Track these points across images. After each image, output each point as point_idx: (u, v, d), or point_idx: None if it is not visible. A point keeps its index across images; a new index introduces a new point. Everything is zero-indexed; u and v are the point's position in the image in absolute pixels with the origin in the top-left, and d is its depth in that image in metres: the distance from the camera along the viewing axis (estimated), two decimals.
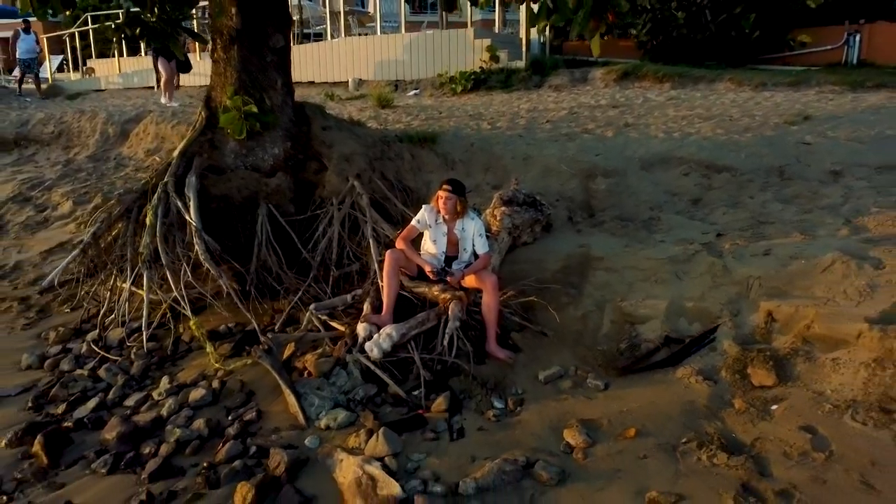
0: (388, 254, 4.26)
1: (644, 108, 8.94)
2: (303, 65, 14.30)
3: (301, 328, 4.43)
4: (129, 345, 4.66)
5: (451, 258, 4.38)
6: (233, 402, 3.84)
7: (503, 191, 5.57)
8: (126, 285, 4.93)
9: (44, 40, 17.11)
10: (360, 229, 5.39)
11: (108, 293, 5.08)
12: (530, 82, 12.14)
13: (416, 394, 3.70)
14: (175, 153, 5.50)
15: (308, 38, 18.01)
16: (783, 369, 3.39)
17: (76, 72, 18.82)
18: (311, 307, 4.47)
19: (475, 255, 4.36)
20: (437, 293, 4.26)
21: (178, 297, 4.64)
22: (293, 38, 7.05)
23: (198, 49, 15.07)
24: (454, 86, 12.31)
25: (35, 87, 16.17)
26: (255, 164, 5.59)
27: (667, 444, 3.03)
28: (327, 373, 3.86)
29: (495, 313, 4.08)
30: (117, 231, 5.35)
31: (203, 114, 5.63)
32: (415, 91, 12.93)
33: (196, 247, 4.86)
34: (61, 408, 3.97)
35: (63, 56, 20.05)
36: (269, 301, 5.01)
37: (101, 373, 4.34)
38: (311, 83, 14.43)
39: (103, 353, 4.56)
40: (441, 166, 6.63)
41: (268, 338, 4.11)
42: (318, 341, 4.23)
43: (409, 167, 6.59)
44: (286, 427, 3.51)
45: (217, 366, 4.15)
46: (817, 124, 7.16)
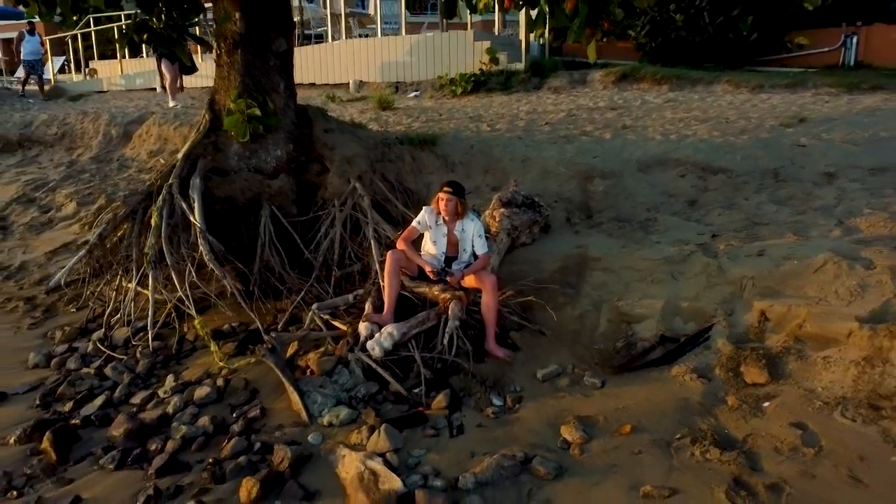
0: (389, 254, 4.30)
1: (642, 111, 8.96)
2: (304, 67, 14.26)
3: (304, 327, 4.47)
4: (134, 344, 4.70)
5: (450, 259, 4.42)
6: (237, 400, 3.88)
7: (502, 192, 5.60)
8: (131, 285, 4.98)
9: (46, 42, 17.14)
10: (361, 230, 5.44)
11: (114, 293, 5.13)
12: (529, 84, 12.15)
13: (416, 391, 3.74)
14: (179, 155, 5.55)
15: (309, 39, 18.00)
16: (775, 367, 3.45)
17: (78, 73, 18.84)
18: (314, 307, 4.51)
19: (475, 256, 4.40)
20: (437, 293, 4.31)
21: (183, 297, 4.69)
22: (294, 40, 7.08)
23: (199, 50, 15.10)
24: (454, 87, 12.34)
25: (38, 88, 16.21)
26: (259, 166, 5.65)
27: (661, 440, 3.08)
28: (330, 371, 3.90)
29: (494, 313, 4.12)
30: (123, 232, 5.39)
31: (207, 116, 5.68)
32: (415, 93, 12.95)
33: (200, 247, 4.91)
34: (68, 405, 4.00)
35: (65, 57, 20.09)
36: (272, 301, 5.06)
37: (107, 371, 4.38)
38: (312, 85, 14.41)
39: (109, 352, 4.61)
40: (441, 168, 6.67)
41: (271, 337, 4.15)
42: (321, 340, 4.26)
43: (409, 169, 6.62)
44: (289, 424, 3.55)
45: (221, 364, 4.19)
46: (812, 126, 7.19)
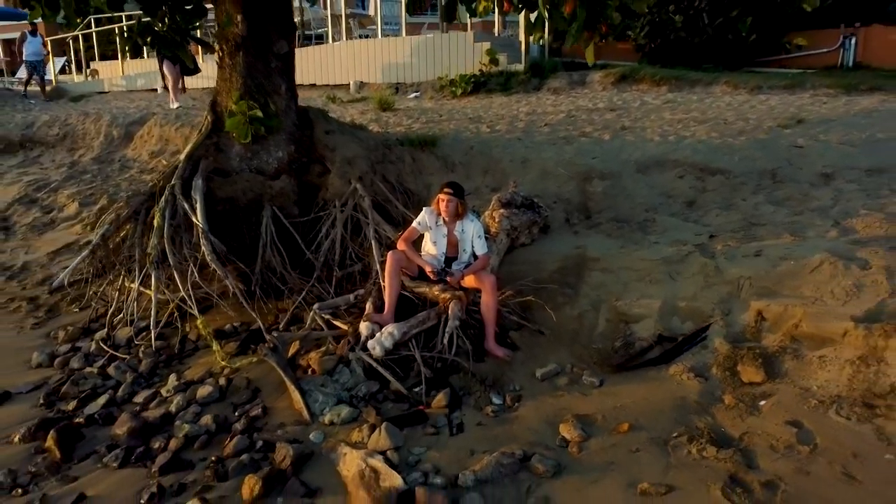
0: (389, 255, 4.32)
1: (641, 112, 8.99)
2: (304, 67, 14.24)
3: (305, 327, 4.50)
4: (136, 343, 4.74)
5: (450, 259, 4.46)
6: (239, 399, 3.91)
7: (502, 193, 5.63)
8: (134, 285, 5.01)
9: (47, 42, 17.17)
10: (362, 231, 5.48)
11: (117, 293, 5.16)
12: (529, 85, 12.17)
13: (416, 390, 3.78)
14: (181, 156, 5.58)
15: (309, 40, 18.04)
16: (772, 366, 3.49)
17: (79, 74, 18.88)
18: (315, 307, 4.54)
19: (474, 256, 4.44)
20: (437, 293, 4.34)
21: (185, 297, 4.72)
22: (295, 42, 7.10)
23: (200, 51, 15.13)
24: (454, 88, 12.36)
25: (39, 88, 16.23)
26: (260, 167, 5.68)
27: (658, 438, 3.11)
28: (331, 370, 3.94)
29: (494, 312, 4.15)
30: (126, 232, 5.42)
31: (209, 118, 5.71)
32: (415, 93, 12.98)
33: (202, 248, 4.94)
34: (72, 404, 4.02)
35: (65, 58, 20.12)
36: (273, 301, 5.10)
37: (110, 370, 4.41)
38: (312, 86, 14.42)
39: (112, 352, 4.63)
40: (441, 169, 6.69)
41: (273, 336, 4.18)
42: (322, 340, 4.29)
43: (409, 170, 6.65)
44: (291, 423, 3.58)
45: (223, 364, 4.23)
46: (810, 127, 7.22)
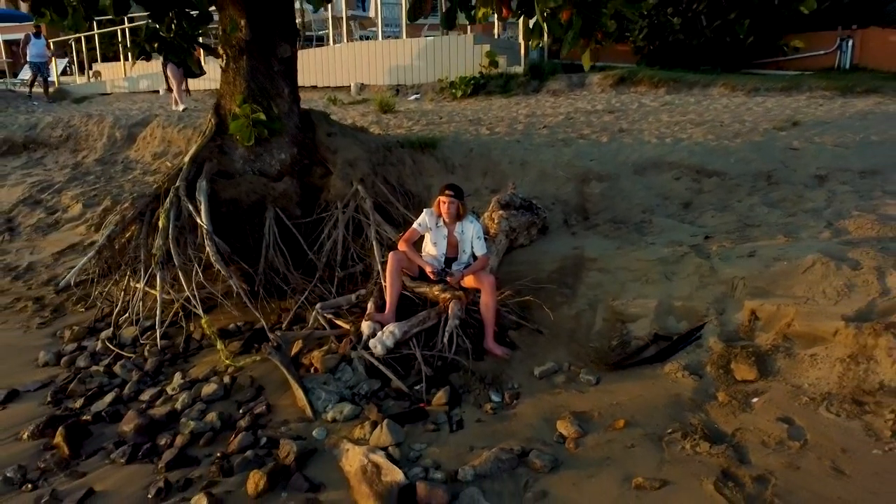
0: (390, 255, 4.38)
1: (639, 114, 9.03)
2: (305, 69, 14.20)
3: (308, 326, 4.56)
4: (142, 342, 4.81)
5: (450, 259, 4.53)
6: (243, 397, 3.98)
7: (501, 195, 5.69)
8: (139, 285, 5.06)
9: (50, 44, 17.24)
10: (363, 232, 5.55)
11: (122, 293, 5.22)
12: (529, 87, 12.20)
13: (417, 388, 3.84)
14: (186, 159, 5.64)
15: (310, 42, 18.08)
16: (764, 364, 3.55)
17: (82, 75, 18.94)
18: (317, 306, 4.61)
19: (474, 257, 4.51)
20: (437, 293, 4.42)
21: (190, 297, 4.79)
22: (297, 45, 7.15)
23: (202, 53, 15.19)
24: (454, 90, 12.39)
25: (42, 90, 16.29)
26: (263, 169, 5.76)
27: (653, 435, 3.18)
28: (333, 369, 4.01)
29: (493, 312, 4.21)
30: (131, 233, 5.48)
31: (213, 121, 5.77)
32: (416, 95, 13.02)
33: (207, 248, 5.01)
34: (79, 402, 4.09)
35: (68, 59, 20.19)
36: (276, 300, 5.16)
37: (116, 369, 4.48)
38: (313, 87, 14.44)
39: (118, 351, 4.71)
40: (441, 171, 6.75)
41: (276, 335, 4.24)
42: (324, 339, 4.36)
43: (410, 172, 6.71)
44: (294, 420, 3.65)
45: (227, 362, 4.29)
46: (805, 130, 7.27)
